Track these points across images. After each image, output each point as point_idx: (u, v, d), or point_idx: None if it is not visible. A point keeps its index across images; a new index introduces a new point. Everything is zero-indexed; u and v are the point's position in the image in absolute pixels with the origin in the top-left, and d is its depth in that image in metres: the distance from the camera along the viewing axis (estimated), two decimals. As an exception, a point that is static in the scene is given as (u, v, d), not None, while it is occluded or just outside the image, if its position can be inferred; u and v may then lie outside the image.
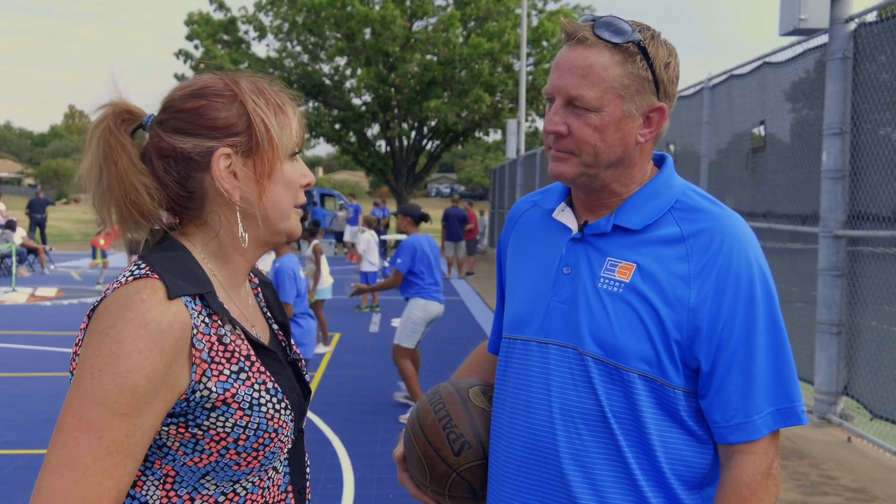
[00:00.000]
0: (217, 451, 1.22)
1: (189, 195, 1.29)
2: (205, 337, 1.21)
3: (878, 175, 5.74)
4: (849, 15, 6.02)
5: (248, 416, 1.23)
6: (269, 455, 1.27)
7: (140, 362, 1.14)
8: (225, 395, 1.21)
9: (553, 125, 1.47)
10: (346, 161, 34.22)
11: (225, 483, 1.26)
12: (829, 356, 6.19)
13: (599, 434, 1.46)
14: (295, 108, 1.35)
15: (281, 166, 1.30)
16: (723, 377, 1.43)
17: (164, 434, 1.22)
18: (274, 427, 1.26)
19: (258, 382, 1.26)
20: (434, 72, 26.75)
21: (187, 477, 1.24)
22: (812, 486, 4.83)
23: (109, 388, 1.14)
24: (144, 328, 1.15)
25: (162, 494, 1.23)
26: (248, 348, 1.27)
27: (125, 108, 1.31)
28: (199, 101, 1.28)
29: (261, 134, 1.28)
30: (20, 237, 18.46)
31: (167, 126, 1.28)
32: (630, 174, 1.52)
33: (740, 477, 1.43)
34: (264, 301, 1.47)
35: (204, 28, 28.24)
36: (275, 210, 1.31)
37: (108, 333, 1.15)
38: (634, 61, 1.43)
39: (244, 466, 1.25)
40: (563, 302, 1.51)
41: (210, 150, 1.26)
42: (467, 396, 1.67)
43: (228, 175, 1.27)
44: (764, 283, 1.45)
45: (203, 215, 1.30)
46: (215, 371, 1.21)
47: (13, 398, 7.17)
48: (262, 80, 1.34)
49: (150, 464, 1.24)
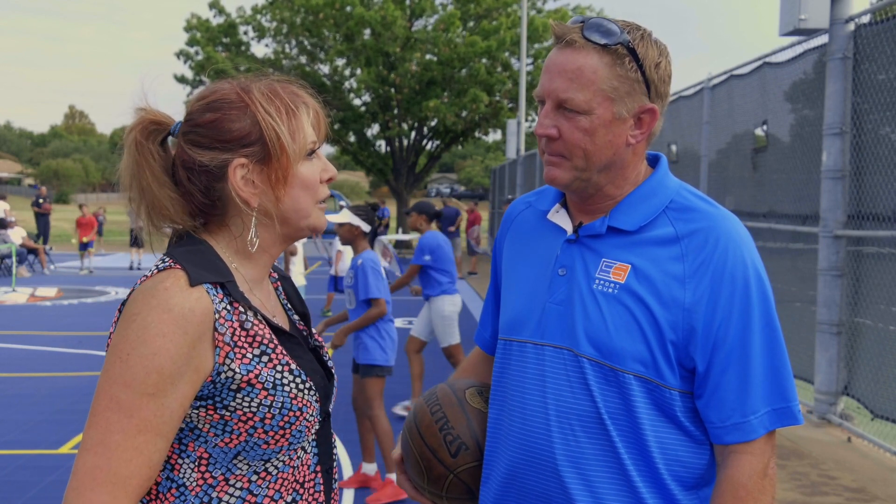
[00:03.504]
0: (245, 431, 1.29)
1: (212, 203, 1.35)
2: (227, 322, 1.28)
3: (879, 175, 5.73)
4: (849, 15, 6.02)
5: (272, 395, 1.29)
6: (295, 434, 1.33)
7: (164, 345, 1.21)
8: (249, 377, 1.27)
9: (543, 128, 1.48)
10: (345, 161, 34.20)
11: (256, 462, 1.32)
12: (829, 356, 6.19)
13: (595, 435, 1.46)
14: (310, 107, 1.39)
15: (296, 170, 1.35)
16: (719, 377, 1.43)
17: (195, 417, 1.29)
18: (298, 406, 1.32)
19: (281, 364, 1.31)
20: (433, 71, 26.73)
21: (220, 458, 1.30)
22: (812, 486, 4.82)
23: (136, 371, 1.21)
24: (168, 313, 1.22)
25: (198, 476, 1.30)
26: (270, 333, 1.33)
27: (152, 119, 1.37)
28: (213, 115, 1.33)
29: (272, 143, 1.32)
30: (20, 237, 18.47)
31: (188, 139, 1.34)
32: (623, 175, 1.52)
33: (737, 477, 1.43)
34: (284, 294, 1.53)
35: (203, 34, 28.25)
36: (295, 212, 1.37)
37: (135, 320, 1.23)
38: (623, 63, 1.43)
39: (273, 445, 1.31)
40: (559, 303, 1.51)
41: (226, 162, 1.32)
42: (464, 398, 1.67)
43: (246, 184, 1.33)
44: (759, 283, 1.45)
45: (226, 220, 1.37)
46: (238, 354, 1.27)
47: (13, 398, 7.18)
48: (277, 82, 1.38)
49: (184, 447, 1.31)
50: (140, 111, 1.37)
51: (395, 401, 6.92)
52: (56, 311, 13.01)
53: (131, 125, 1.36)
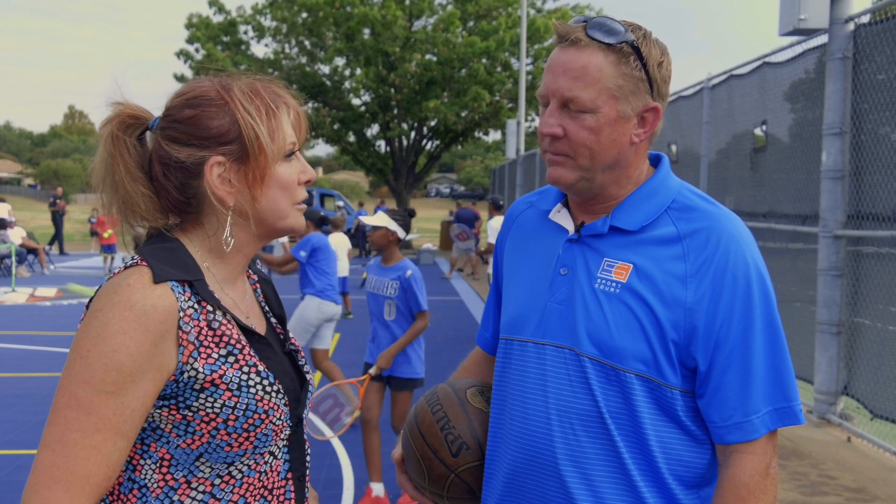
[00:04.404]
0: (208, 432, 1.26)
1: (187, 200, 1.33)
2: (192, 321, 1.26)
3: (878, 175, 5.73)
4: (848, 15, 6.02)
5: (236, 396, 1.27)
6: (261, 437, 1.30)
7: (125, 342, 1.20)
8: (213, 377, 1.25)
9: (549, 127, 1.47)
10: (345, 161, 34.23)
11: (220, 465, 1.29)
12: (829, 356, 6.19)
13: (596, 435, 1.46)
14: (291, 108, 1.37)
15: (273, 170, 1.33)
16: (720, 376, 1.43)
17: (157, 416, 1.27)
18: (264, 408, 1.29)
19: (248, 365, 1.29)
20: (433, 71, 26.71)
21: (182, 459, 1.28)
22: (812, 486, 4.82)
23: (96, 368, 1.20)
24: (129, 310, 1.21)
25: (159, 478, 1.28)
26: (239, 334, 1.31)
27: (130, 113, 1.35)
28: (192, 111, 1.31)
29: (251, 142, 1.31)
30: (20, 237, 18.46)
31: (165, 135, 1.32)
32: (626, 175, 1.52)
33: (739, 477, 1.43)
34: (262, 297, 1.51)
35: (204, 31, 28.24)
36: (271, 212, 1.36)
37: (96, 316, 1.22)
38: (628, 62, 1.43)
39: (236, 448, 1.28)
40: (560, 303, 1.51)
41: (203, 160, 1.30)
42: (465, 397, 1.67)
43: (222, 182, 1.31)
44: (761, 282, 1.45)
45: (201, 218, 1.35)
46: (203, 353, 1.26)
47: (13, 398, 7.17)
48: (259, 81, 1.37)
49: (146, 447, 1.28)
50: (117, 105, 1.35)
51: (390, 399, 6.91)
52: (56, 311, 13.01)
53: (108, 118, 1.34)
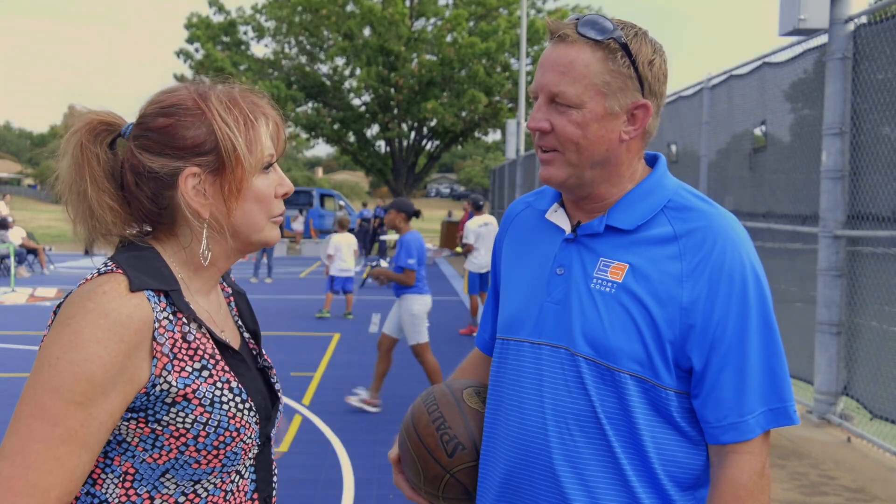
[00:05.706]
0: (176, 448, 1.22)
1: (160, 211, 1.30)
2: (167, 332, 1.21)
3: (878, 175, 5.73)
4: (848, 15, 6.01)
5: (208, 412, 1.23)
6: (230, 455, 1.26)
7: (98, 352, 1.15)
8: (185, 391, 1.21)
9: (536, 122, 1.48)
10: (345, 161, 34.25)
11: (185, 483, 1.25)
12: (829, 356, 6.18)
13: (592, 435, 1.45)
14: (269, 119, 1.33)
15: (250, 183, 1.29)
16: (716, 376, 1.43)
17: (124, 429, 1.22)
18: (235, 426, 1.25)
19: (221, 381, 1.26)
20: (433, 72, 26.73)
21: (147, 475, 1.23)
22: (812, 486, 4.82)
23: (65, 377, 1.14)
24: (104, 318, 1.16)
25: (121, 493, 1.23)
26: (213, 348, 1.28)
27: (101, 120, 1.31)
28: (167, 120, 1.27)
29: (227, 154, 1.27)
30: (19, 237, 18.46)
31: (138, 143, 1.28)
32: (618, 173, 1.51)
33: (737, 477, 1.43)
34: (236, 310, 1.47)
35: (204, 31, 28.27)
36: (246, 226, 1.32)
37: (69, 324, 1.17)
38: (616, 58, 1.43)
39: (204, 465, 1.24)
40: (557, 303, 1.51)
41: (177, 170, 1.26)
42: (461, 398, 1.67)
43: (197, 194, 1.27)
44: (757, 283, 1.45)
45: (174, 229, 1.31)
46: (177, 367, 1.21)
47: (13, 398, 7.15)
48: (238, 90, 1.32)
49: (109, 461, 1.23)
50: (87, 113, 1.31)
51: (389, 399, 6.92)
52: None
53: (76, 126, 1.29)
